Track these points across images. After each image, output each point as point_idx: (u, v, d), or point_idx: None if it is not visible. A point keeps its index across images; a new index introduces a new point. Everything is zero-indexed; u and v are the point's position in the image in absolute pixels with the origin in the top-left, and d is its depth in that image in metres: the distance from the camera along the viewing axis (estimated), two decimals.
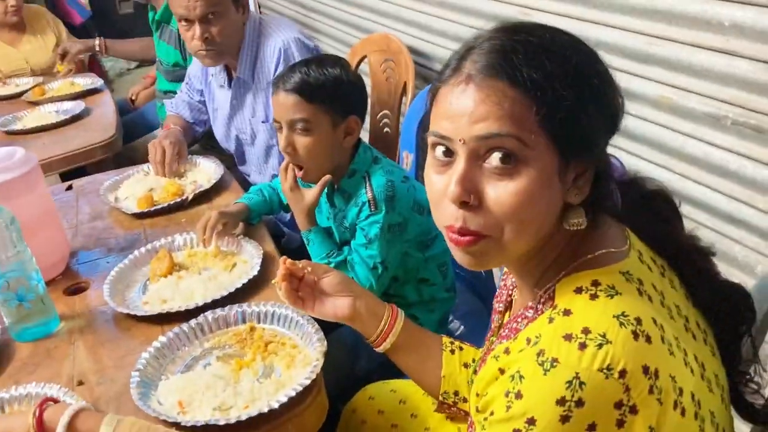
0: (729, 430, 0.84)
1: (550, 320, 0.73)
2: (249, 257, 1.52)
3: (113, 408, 1.14)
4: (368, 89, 2.33)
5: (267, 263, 1.48)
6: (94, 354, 1.29)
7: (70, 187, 2.04)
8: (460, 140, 0.73)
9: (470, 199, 0.74)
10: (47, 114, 2.70)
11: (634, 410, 0.68)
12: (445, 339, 1.17)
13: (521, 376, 0.70)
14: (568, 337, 0.69)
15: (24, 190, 1.47)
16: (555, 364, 0.68)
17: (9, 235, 1.27)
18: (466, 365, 1.14)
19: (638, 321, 0.71)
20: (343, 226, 1.58)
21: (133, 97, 3.32)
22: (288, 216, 2.05)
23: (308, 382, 1.11)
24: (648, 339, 0.70)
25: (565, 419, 0.67)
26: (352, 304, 1.14)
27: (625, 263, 0.78)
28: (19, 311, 1.32)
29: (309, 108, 1.44)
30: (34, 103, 2.85)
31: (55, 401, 1.02)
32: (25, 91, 3.00)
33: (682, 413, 0.72)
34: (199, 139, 2.42)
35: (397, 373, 1.48)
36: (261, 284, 1.41)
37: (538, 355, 0.70)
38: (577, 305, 0.73)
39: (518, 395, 0.70)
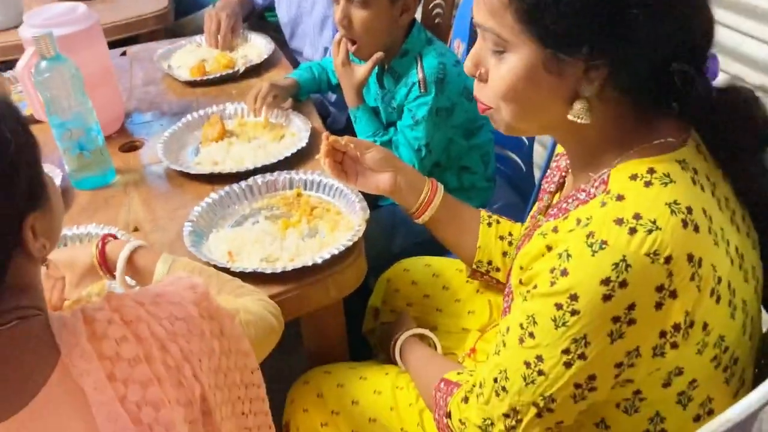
0: (757, 319, 0.87)
1: (603, 204, 0.75)
2: (297, 130, 1.56)
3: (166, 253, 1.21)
4: None
5: (314, 137, 1.51)
6: (148, 205, 1.36)
7: (124, 53, 2.08)
8: (476, 24, 0.81)
9: (477, 73, 0.83)
10: None
11: (674, 295, 0.72)
12: (483, 212, 1.21)
13: (569, 255, 0.73)
14: (619, 221, 0.72)
15: (85, 45, 1.51)
16: (604, 246, 0.71)
17: (71, 86, 1.32)
18: (501, 237, 1.19)
19: (689, 210, 0.73)
20: (391, 107, 1.59)
21: None
22: (334, 96, 2.07)
23: (350, 243, 1.17)
24: (696, 228, 0.73)
25: (607, 298, 0.71)
26: (393, 177, 1.18)
27: (681, 152, 0.79)
28: (79, 160, 1.38)
29: None
30: None
31: (115, 238, 1.09)
32: None
33: (717, 300, 0.76)
34: (259, 11, 2.40)
35: (431, 254, 1.54)
36: (308, 156, 1.46)
37: (588, 236, 0.73)
38: (630, 191, 0.75)
39: (564, 272, 0.73)
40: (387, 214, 1.64)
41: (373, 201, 1.67)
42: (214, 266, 1.12)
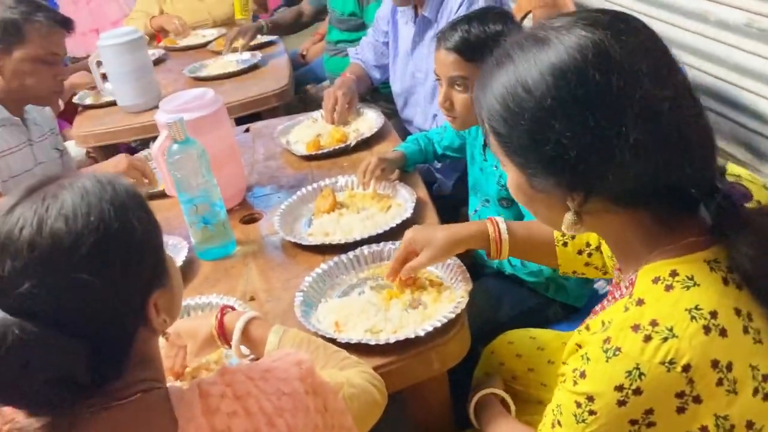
0: None
1: (625, 309, 0.75)
2: (403, 201, 1.62)
3: (279, 322, 1.26)
4: None
5: (419, 207, 1.56)
6: (264, 275, 1.45)
7: (247, 130, 2.25)
8: None
9: None
10: (228, 63, 2.95)
11: (697, 400, 0.71)
12: (556, 234, 1.23)
13: (588, 358, 0.75)
14: (635, 328, 0.72)
15: (212, 127, 1.65)
16: (617, 352, 0.73)
17: (199, 165, 1.45)
18: (580, 252, 1.20)
19: (713, 314, 0.72)
20: (499, 184, 1.60)
21: (304, 53, 3.51)
22: (440, 164, 2.13)
23: (453, 315, 1.19)
24: (723, 332, 0.72)
25: (622, 403, 0.72)
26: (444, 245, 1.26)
27: (712, 250, 0.76)
28: (204, 233, 1.50)
29: (467, 66, 1.48)
30: (217, 53, 3.12)
31: (233, 309, 1.18)
32: (210, 42, 3.28)
33: (765, 398, 0.73)
34: (377, 86, 2.53)
35: (538, 325, 1.52)
36: (413, 225, 1.50)
37: (605, 341, 0.74)
38: (650, 296, 0.75)
39: (582, 374, 0.75)
40: (493, 282, 1.65)
41: (478, 269, 1.68)
42: (322, 337, 1.18)
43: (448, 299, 1.26)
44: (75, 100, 2.76)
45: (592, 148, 0.73)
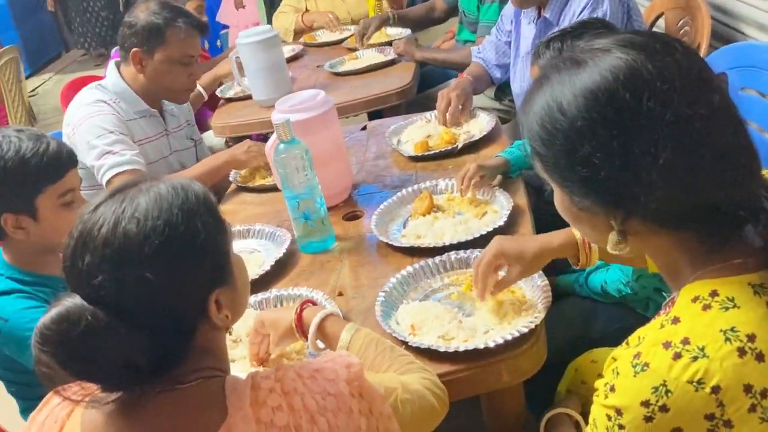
0: None
1: (661, 326, 0.75)
2: (500, 207, 1.61)
3: (360, 319, 1.34)
4: None
5: (515, 215, 1.55)
6: (355, 272, 1.51)
7: (364, 128, 2.32)
8: None
9: None
10: (363, 59, 3.05)
11: (728, 424, 0.70)
12: None
13: (618, 372, 0.75)
14: (666, 345, 0.72)
15: (321, 127, 1.74)
16: (645, 368, 0.72)
17: (303, 164, 1.54)
18: None
19: (751, 337, 0.70)
20: None
21: None
22: None
23: (526, 330, 1.18)
24: (759, 357, 0.70)
25: (648, 419, 0.72)
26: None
27: (760, 274, 0.74)
28: (305, 228, 1.59)
29: None
30: (351, 49, 3.23)
31: (314, 303, 1.25)
32: (345, 39, 3.40)
33: None
34: (497, 84, 2.52)
35: None
36: (505, 233, 1.50)
37: (635, 356, 0.74)
38: (687, 314, 0.73)
39: (612, 388, 0.75)
40: (587, 296, 1.61)
41: (571, 284, 1.65)
42: (395, 338, 1.22)
43: (526, 312, 1.25)
44: (218, 92, 2.98)
45: (622, 168, 0.74)
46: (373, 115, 2.82)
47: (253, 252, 1.69)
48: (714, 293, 0.74)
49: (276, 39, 2.64)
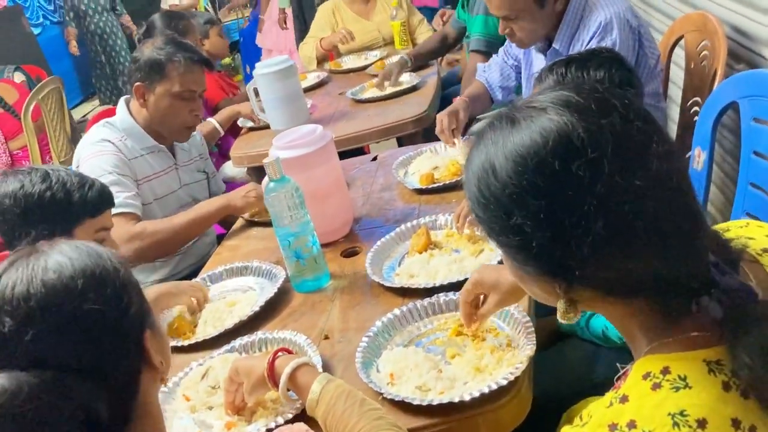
0: None
1: (609, 404, 0.69)
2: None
3: (341, 366, 1.30)
4: (680, 74, 2.11)
5: None
6: (345, 314, 1.48)
7: (375, 158, 2.29)
8: None
9: None
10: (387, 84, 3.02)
11: None
12: None
13: None
14: (612, 427, 0.67)
15: (319, 163, 1.72)
16: None
17: (294, 202, 1.52)
18: None
19: (701, 423, 0.63)
20: None
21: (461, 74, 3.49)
22: None
23: (505, 382, 1.12)
24: None
25: None
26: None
27: (716, 350, 0.66)
28: (296, 266, 1.57)
29: None
30: (375, 76, 3.21)
31: (289, 352, 1.21)
32: (369, 65, 3.38)
33: None
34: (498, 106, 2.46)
35: None
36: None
37: None
38: (636, 393, 0.67)
39: None
40: (591, 339, 1.53)
41: (572, 327, 1.57)
42: (371, 390, 1.17)
43: (508, 361, 1.19)
44: (239, 123, 3.01)
45: (554, 239, 0.70)
46: (404, 141, 2.80)
47: (248, 291, 1.67)
48: (666, 370, 0.68)
49: (292, 69, 2.65)
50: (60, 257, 0.80)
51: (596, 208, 0.68)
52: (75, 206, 1.50)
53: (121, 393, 0.80)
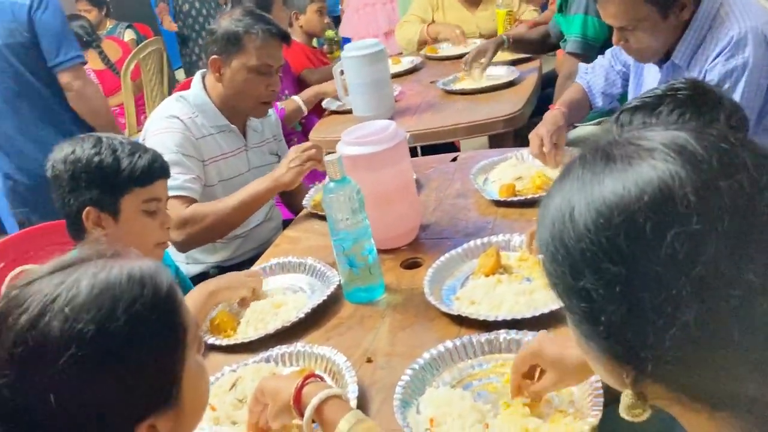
0: None
1: None
2: None
3: (379, 397, 1.17)
4: None
5: None
6: (393, 335, 1.34)
7: (455, 159, 2.13)
8: None
9: None
10: (477, 77, 2.84)
11: None
12: None
13: None
14: None
15: (388, 163, 1.58)
16: None
17: (353, 206, 1.39)
18: None
19: None
20: None
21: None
22: None
23: None
24: None
25: None
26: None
27: None
28: (349, 274, 1.44)
29: None
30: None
31: (321, 379, 1.09)
32: (466, 54, 3.19)
33: None
34: (598, 111, 2.23)
35: None
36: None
37: None
38: None
39: None
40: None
41: None
42: None
43: (566, 427, 1.02)
44: (323, 104, 2.91)
45: (627, 318, 0.56)
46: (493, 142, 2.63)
47: (298, 291, 1.57)
48: None
49: (381, 54, 2.51)
50: (89, 299, 0.68)
51: (689, 296, 0.53)
52: (123, 173, 1.44)
53: None
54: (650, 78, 1.87)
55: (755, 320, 0.53)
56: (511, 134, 2.48)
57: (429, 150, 2.82)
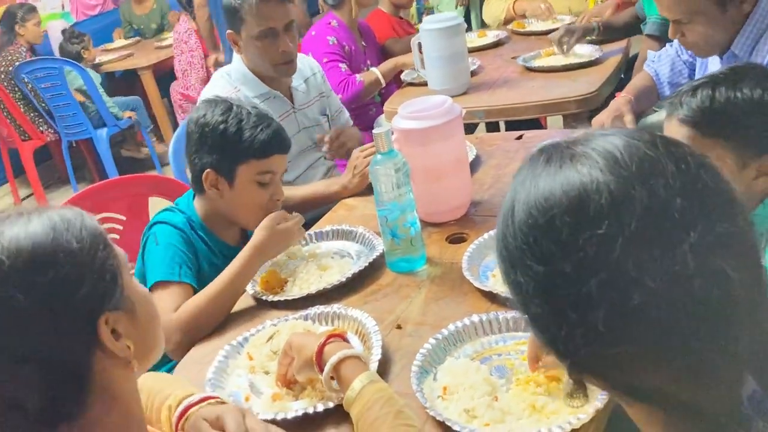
0: None
1: None
2: None
3: (401, 363, 1.23)
4: None
5: None
6: (426, 306, 1.39)
7: (520, 137, 2.12)
8: None
9: None
10: (559, 56, 2.79)
11: None
12: None
13: None
14: None
15: (443, 137, 1.60)
16: None
17: (398, 178, 1.44)
18: None
19: None
20: None
21: None
22: None
23: (568, 428, 0.98)
24: None
25: None
26: None
27: None
28: (391, 244, 1.50)
29: (704, 145, 1.14)
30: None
31: (344, 338, 1.16)
32: (552, 30, 3.12)
33: None
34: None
35: None
36: None
37: None
38: None
39: None
40: None
41: None
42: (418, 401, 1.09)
43: (575, 409, 1.04)
44: (402, 76, 2.94)
45: (549, 313, 0.60)
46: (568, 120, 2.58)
47: (345, 257, 1.63)
48: None
49: (459, 28, 2.51)
50: (16, 230, 0.74)
51: (597, 296, 0.55)
52: (243, 144, 1.55)
53: (65, 379, 0.74)
54: (713, 64, 1.79)
55: (660, 324, 0.54)
56: (586, 114, 2.42)
57: (514, 125, 2.82)
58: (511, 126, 2.89)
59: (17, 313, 0.71)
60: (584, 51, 2.75)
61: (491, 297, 1.35)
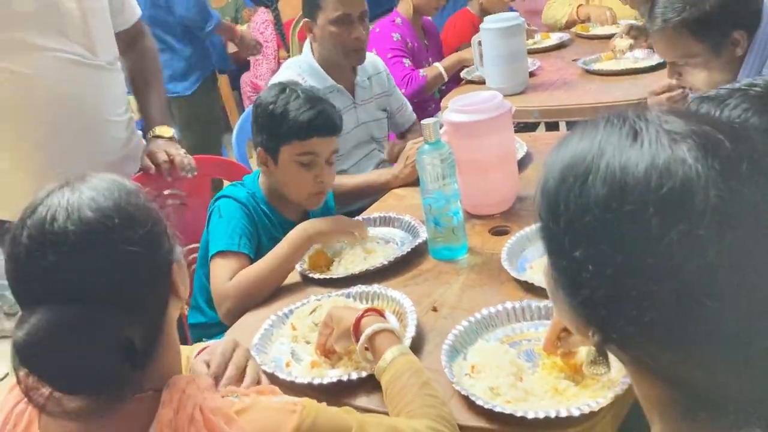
0: None
1: None
2: None
3: (433, 342, 1.29)
4: None
5: None
6: (463, 292, 1.44)
7: None
8: None
9: None
10: (624, 60, 2.78)
11: None
12: None
13: None
14: None
15: (492, 131, 1.65)
16: None
17: (441, 169, 1.49)
18: None
19: None
20: None
21: None
22: None
23: (576, 413, 1.02)
24: None
25: None
26: None
27: None
28: (434, 232, 1.56)
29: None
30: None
31: (381, 314, 1.23)
32: (615, 34, 3.11)
33: None
34: None
35: None
36: None
37: None
38: None
39: None
40: None
41: None
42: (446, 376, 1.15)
43: (594, 392, 1.08)
44: (462, 74, 2.99)
45: (611, 298, 0.58)
46: None
47: (390, 242, 1.70)
48: None
49: (519, 28, 2.55)
50: (94, 193, 0.83)
51: (669, 296, 0.54)
52: (287, 125, 1.62)
53: (153, 323, 0.86)
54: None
55: (720, 333, 0.54)
56: None
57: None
58: (572, 127, 2.89)
59: (127, 264, 0.82)
60: (641, 56, 2.74)
61: (527, 287, 1.39)
